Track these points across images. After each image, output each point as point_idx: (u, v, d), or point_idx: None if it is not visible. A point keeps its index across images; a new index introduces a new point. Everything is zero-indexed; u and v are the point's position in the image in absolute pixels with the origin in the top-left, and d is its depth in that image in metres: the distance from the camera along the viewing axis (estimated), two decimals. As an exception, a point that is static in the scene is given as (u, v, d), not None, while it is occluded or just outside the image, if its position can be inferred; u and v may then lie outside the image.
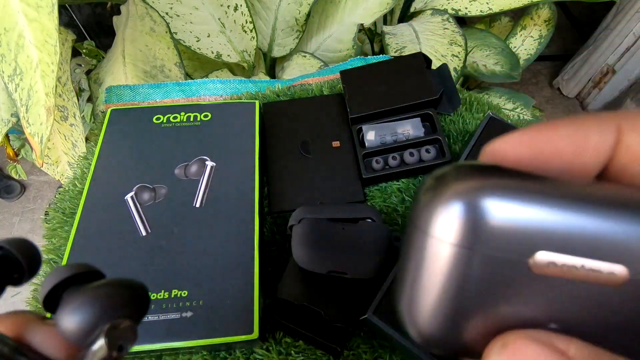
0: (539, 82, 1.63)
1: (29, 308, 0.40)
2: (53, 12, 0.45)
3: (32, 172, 1.35)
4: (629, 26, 1.27)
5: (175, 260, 0.36)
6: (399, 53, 0.74)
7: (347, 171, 0.47)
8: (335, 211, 0.36)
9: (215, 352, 0.37)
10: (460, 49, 0.74)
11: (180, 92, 0.59)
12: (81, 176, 0.49)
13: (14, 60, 0.47)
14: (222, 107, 0.47)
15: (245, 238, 0.38)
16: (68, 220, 0.45)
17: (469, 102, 0.55)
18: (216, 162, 0.43)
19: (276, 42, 0.86)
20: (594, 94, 1.47)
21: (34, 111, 0.48)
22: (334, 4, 0.85)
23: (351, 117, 0.48)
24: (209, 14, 0.75)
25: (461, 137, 0.51)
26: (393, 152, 0.48)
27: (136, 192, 0.40)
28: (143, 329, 0.33)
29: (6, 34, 0.46)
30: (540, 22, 1.06)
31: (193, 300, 0.34)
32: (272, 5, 0.81)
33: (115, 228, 0.38)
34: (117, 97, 0.58)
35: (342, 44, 0.84)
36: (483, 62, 0.96)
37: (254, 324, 0.33)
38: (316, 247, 0.34)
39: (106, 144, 0.44)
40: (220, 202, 0.40)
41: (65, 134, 0.67)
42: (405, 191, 0.47)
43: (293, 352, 0.37)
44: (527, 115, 1.09)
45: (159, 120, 0.46)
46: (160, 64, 0.69)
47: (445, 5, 0.88)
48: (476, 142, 0.42)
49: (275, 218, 0.45)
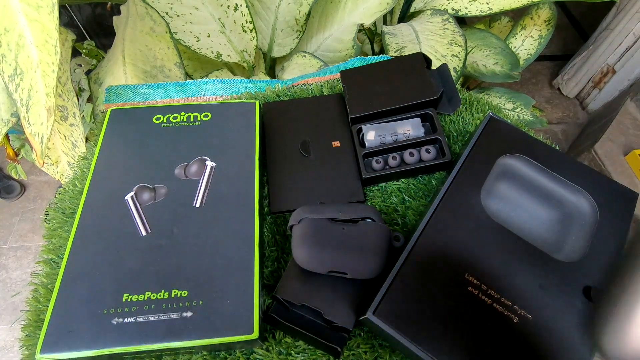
0: (538, 82, 1.63)
1: (28, 308, 0.40)
2: (53, 12, 0.45)
3: (32, 172, 1.35)
4: (629, 26, 1.27)
5: (175, 260, 0.36)
6: (399, 53, 0.74)
7: (347, 171, 0.47)
8: (335, 211, 0.36)
9: (215, 352, 0.37)
10: (460, 49, 0.74)
11: (180, 92, 0.59)
12: (81, 176, 0.49)
13: (15, 60, 0.47)
14: (222, 107, 0.47)
15: (245, 238, 0.38)
16: (68, 220, 0.45)
17: (469, 102, 0.55)
18: (216, 162, 0.43)
19: (276, 42, 0.86)
20: (594, 94, 1.47)
21: (35, 111, 0.48)
22: (334, 4, 0.85)
23: (351, 117, 0.48)
24: (209, 14, 0.75)
25: (461, 137, 0.51)
26: (393, 152, 0.48)
27: (136, 192, 0.40)
28: (143, 329, 0.33)
29: (6, 34, 0.46)
30: (540, 22, 1.06)
31: (193, 300, 0.34)
32: (272, 5, 0.81)
33: (115, 228, 0.38)
34: (117, 97, 0.58)
35: (342, 44, 0.84)
36: (483, 62, 0.96)
37: (254, 324, 0.33)
38: (316, 247, 0.34)
39: (106, 144, 0.44)
40: (220, 202, 0.40)
41: (65, 134, 0.67)
42: (405, 191, 0.47)
43: (293, 352, 0.37)
44: (527, 115, 1.09)
45: (159, 120, 0.46)
46: (160, 64, 0.69)
47: (445, 5, 0.87)
48: (476, 142, 0.42)
49: (275, 218, 0.45)
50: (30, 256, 1.21)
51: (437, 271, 0.34)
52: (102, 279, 0.35)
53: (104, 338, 0.32)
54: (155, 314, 0.34)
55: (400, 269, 0.34)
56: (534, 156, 0.42)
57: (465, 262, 0.34)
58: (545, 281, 0.34)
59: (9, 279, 1.17)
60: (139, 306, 0.34)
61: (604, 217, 0.38)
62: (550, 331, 0.32)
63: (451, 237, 0.36)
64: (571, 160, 0.42)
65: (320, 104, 0.52)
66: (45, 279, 0.41)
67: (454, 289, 0.33)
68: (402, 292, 0.33)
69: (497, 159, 0.42)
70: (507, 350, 0.31)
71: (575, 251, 0.36)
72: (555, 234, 0.39)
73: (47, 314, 0.33)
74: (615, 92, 1.42)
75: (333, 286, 0.36)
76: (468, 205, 0.38)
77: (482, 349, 0.31)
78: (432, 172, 0.48)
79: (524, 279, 0.34)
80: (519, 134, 0.44)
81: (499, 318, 0.32)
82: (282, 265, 0.42)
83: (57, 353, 0.32)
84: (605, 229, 0.37)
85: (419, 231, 0.36)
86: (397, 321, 0.31)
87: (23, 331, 0.39)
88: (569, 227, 0.39)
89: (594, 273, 0.35)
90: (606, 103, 1.46)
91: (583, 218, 0.39)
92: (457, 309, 0.32)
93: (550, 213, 0.40)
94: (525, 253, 0.35)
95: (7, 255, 1.21)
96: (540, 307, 0.33)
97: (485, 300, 0.33)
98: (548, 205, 0.41)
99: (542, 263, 0.35)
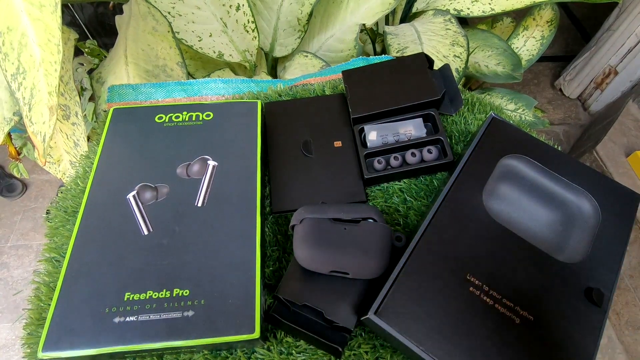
0: (540, 83, 1.63)
1: (30, 306, 0.40)
2: (56, 11, 0.45)
3: (34, 170, 1.35)
4: (631, 27, 1.26)
5: (177, 259, 0.36)
6: (401, 53, 0.74)
7: (349, 171, 0.47)
8: (337, 211, 0.36)
9: (216, 352, 0.37)
10: (462, 50, 0.74)
11: (183, 92, 0.59)
12: (83, 175, 0.49)
13: (17, 59, 0.47)
14: (224, 107, 0.47)
15: (247, 237, 0.38)
16: (70, 219, 0.45)
17: (471, 103, 0.55)
18: (218, 162, 0.43)
19: (278, 41, 0.86)
20: (596, 95, 1.47)
21: (37, 110, 0.48)
22: (335, 4, 0.85)
23: (353, 117, 0.48)
24: (211, 14, 0.75)
25: (463, 137, 0.51)
26: (395, 152, 0.48)
27: (138, 191, 0.40)
28: (145, 328, 0.33)
29: (9, 33, 0.46)
30: (542, 23, 1.05)
31: (194, 299, 0.34)
32: (274, 5, 0.81)
33: (117, 227, 0.38)
34: (120, 97, 0.58)
35: (344, 44, 0.84)
36: (485, 63, 0.96)
37: (255, 323, 0.33)
38: (318, 247, 0.34)
39: (108, 143, 0.44)
40: (222, 201, 0.40)
41: (68, 133, 0.67)
42: (407, 191, 0.47)
43: (294, 351, 0.37)
44: (529, 116, 1.09)
45: (161, 120, 0.46)
46: (163, 64, 0.69)
47: (447, 6, 0.87)
48: (478, 142, 0.42)
49: (276, 218, 0.45)
50: (31, 255, 1.21)
51: (439, 272, 0.34)
52: (103, 277, 0.35)
53: (106, 337, 0.32)
54: (157, 313, 0.34)
55: (402, 269, 0.34)
56: (536, 157, 0.42)
57: (466, 263, 0.34)
58: (547, 282, 0.34)
59: (11, 277, 1.17)
60: (141, 305, 0.34)
61: (605, 218, 0.38)
62: (552, 332, 0.32)
63: (453, 238, 0.36)
64: (573, 162, 0.42)
65: (322, 104, 0.52)
66: (47, 277, 0.41)
67: (455, 289, 0.33)
68: (404, 293, 0.33)
69: (499, 159, 0.41)
70: (509, 351, 0.31)
71: (577, 252, 0.36)
72: (557, 235, 0.39)
73: (49, 313, 0.34)
74: (617, 93, 1.41)
75: (334, 286, 0.36)
76: (470, 206, 0.38)
77: (484, 349, 0.31)
78: (434, 172, 0.48)
79: (526, 280, 0.34)
80: (521, 134, 0.43)
81: (501, 319, 0.32)
82: (283, 265, 0.42)
83: (59, 351, 0.32)
84: (607, 230, 0.37)
85: (420, 232, 0.36)
86: (399, 321, 0.31)
87: (25, 329, 0.39)
88: (570, 228, 0.39)
89: (595, 274, 0.35)
90: (608, 104, 1.45)
91: (585, 219, 0.39)
92: (459, 309, 0.32)
93: (552, 214, 0.40)
94: (527, 254, 0.35)
95: (9, 253, 1.21)
96: (542, 309, 0.33)
97: (486, 301, 0.33)
98: (550, 206, 0.41)
99: (544, 264, 0.35)
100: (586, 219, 0.39)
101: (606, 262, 0.35)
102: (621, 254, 0.36)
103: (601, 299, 0.33)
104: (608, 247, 0.36)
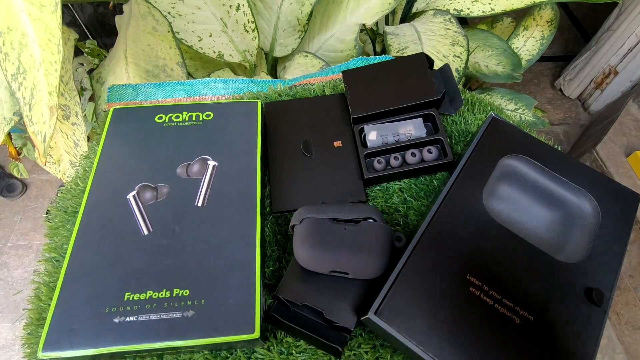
0: (540, 83, 1.63)
1: (30, 306, 0.40)
2: (56, 11, 0.45)
3: (34, 170, 1.35)
4: (631, 27, 1.27)
5: (177, 259, 0.36)
6: (401, 53, 0.74)
7: (349, 171, 0.47)
8: (337, 211, 0.36)
9: (216, 352, 0.37)
10: (462, 50, 0.74)
11: (183, 92, 0.59)
12: (83, 175, 0.49)
13: (18, 59, 0.47)
14: (224, 107, 0.47)
15: (247, 237, 0.38)
16: (70, 218, 0.45)
17: (471, 103, 0.55)
18: (218, 162, 0.43)
19: (278, 41, 0.86)
20: (596, 95, 1.47)
21: (37, 110, 0.48)
22: (335, 4, 0.85)
23: (353, 117, 0.48)
24: (211, 14, 0.75)
25: (463, 137, 0.51)
26: (395, 152, 0.48)
27: (138, 191, 0.40)
28: (145, 328, 0.33)
29: (9, 33, 0.46)
30: (542, 23, 1.05)
31: (194, 299, 0.34)
32: (274, 5, 0.81)
33: (117, 227, 0.38)
34: (120, 96, 0.58)
35: (344, 44, 0.84)
36: (485, 63, 0.96)
37: (255, 323, 0.33)
38: (318, 247, 0.34)
39: (108, 143, 0.44)
40: (222, 201, 0.40)
41: (68, 133, 0.67)
42: (407, 191, 0.47)
43: (294, 351, 0.37)
44: (529, 116, 1.09)
45: (161, 120, 0.46)
46: (163, 64, 0.69)
47: (447, 6, 0.87)
48: (478, 142, 0.42)
49: (276, 218, 0.45)
50: (31, 255, 1.21)
51: (439, 272, 0.34)
52: (104, 277, 0.35)
53: (106, 337, 0.32)
54: (157, 313, 0.34)
55: (402, 269, 0.34)
56: (536, 157, 0.42)
57: (467, 263, 0.34)
58: (547, 282, 0.34)
59: (11, 277, 1.17)
60: (141, 305, 0.34)
61: (605, 218, 0.38)
62: (552, 332, 0.32)
63: (453, 238, 0.36)
64: (573, 161, 0.42)
65: (322, 104, 0.52)
66: (47, 277, 0.41)
67: (455, 289, 0.33)
68: (404, 293, 0.33)
69: (499, 159, 0.41)
70: (509, 351, 0.31)
71: (577, 252, 0.36)
72: (557, 235, 0.39)
73: (49, 313, 0.34)
74: (617, 93, 1.41)
75: (334, 286, 0.36)
76: (470, 205, 0.38)
77: (484, 349, 0.31)
78: (434, 172, 0.48)
79: (526, 280, 0.34)
80: (521, 134, 0.43)
81: (501, 319, 0.32)
82: (283, 265, 0.42)
83: (59, 351, 0.32)
84: (607, 230, 0.37)
85: (420, 232, 0.36)
86: (399, 321, 0.31)
87: (25, 329, 0.39)
88: (570, 228, 0.39)
89: (595, 274, 0.35)
90: (608, 104, 1.45)
91: (585, 219, 0.39)
92: (459, 309, 0.32)
93: (552, 214, 0.40)
94: (527, 254, 0.35)
95: (9, 253, 1.21)
96: (542, 309, 0.33)
97: (486, 301, 0.33)
98: (550, 206, 0.41)
99: (544, 264, 0.35)
100: (586, 219, 0.39)
101: (606, 262, 0.35)
102: (621, 254, 0.36)
103: (601, 299, 0.33)
104: (608, 247, 0.36)
